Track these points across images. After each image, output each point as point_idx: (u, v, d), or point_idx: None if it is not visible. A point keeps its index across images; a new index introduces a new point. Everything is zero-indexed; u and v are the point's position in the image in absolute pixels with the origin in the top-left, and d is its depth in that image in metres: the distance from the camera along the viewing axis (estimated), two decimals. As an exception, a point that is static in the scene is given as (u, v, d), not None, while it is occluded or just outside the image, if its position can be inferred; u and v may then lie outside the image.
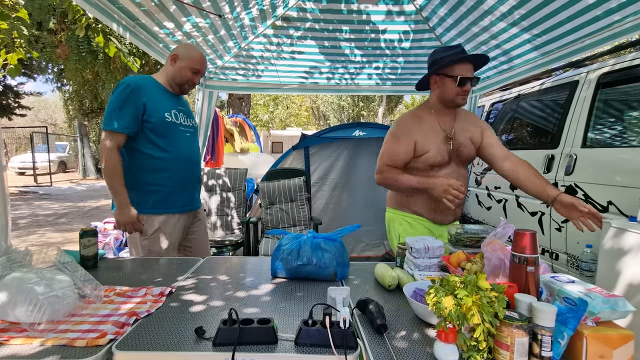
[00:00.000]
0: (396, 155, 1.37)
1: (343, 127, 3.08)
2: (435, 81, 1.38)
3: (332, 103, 17.57)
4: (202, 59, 1.50)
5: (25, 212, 5.99)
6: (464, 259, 0.99)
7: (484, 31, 2.27)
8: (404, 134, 1.37)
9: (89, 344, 0.73)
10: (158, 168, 1.42)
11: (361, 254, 3.30)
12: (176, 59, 1.47)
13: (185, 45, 1.57)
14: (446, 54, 1.34)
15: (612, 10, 1.61)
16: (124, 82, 1.38)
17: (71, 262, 0.96)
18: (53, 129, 17.18)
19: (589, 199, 1.99)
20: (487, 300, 0.66)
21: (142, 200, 1.41)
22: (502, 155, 1.38)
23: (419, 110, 1.43)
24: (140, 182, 1.41)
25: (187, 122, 1.52)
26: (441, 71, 1.33)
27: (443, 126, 1.38)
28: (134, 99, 1.35)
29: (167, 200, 1.45)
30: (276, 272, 1.15)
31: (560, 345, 0.65)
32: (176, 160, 1.45)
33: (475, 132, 1.40)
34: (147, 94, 1.38)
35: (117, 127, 1.33)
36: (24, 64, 8.09)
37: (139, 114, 1.36)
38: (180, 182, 1.47)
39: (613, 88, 2.06)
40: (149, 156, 1.40)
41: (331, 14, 2.46)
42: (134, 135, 1.38)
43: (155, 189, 1.43)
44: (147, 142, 1.40)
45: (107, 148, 1.34)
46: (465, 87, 1.31)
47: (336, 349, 0.70)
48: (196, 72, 1.49)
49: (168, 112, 1.43)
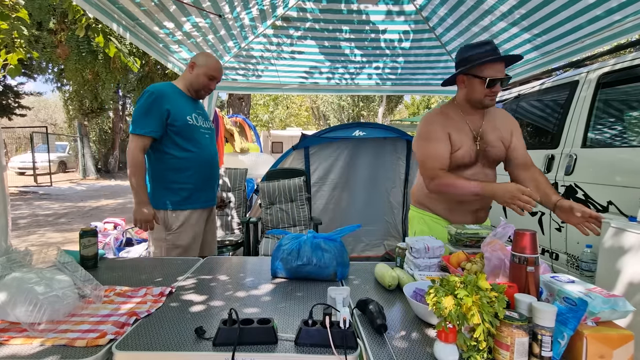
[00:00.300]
0: (442, 156, 1.27)
1: (343, 127, 3.08)
2: (462, 80, 1.29)
3: (332, 103, 17.57)
4: (217, 66, 1.60)
5: (25, 212, 6.00)
6: (464, 259, 0.99)
7: (484, 31, 2.27)
8: (440, 132, 1.28)
9: (89, 344, 0.73)
10: (182, 167, 1.53)
11: (361, 254, 3.30)
12: (194, 66, 1.58)
13: (204, 53, 1.68)
14: (475, 52, 1.24)
15: (613, 10, 1.61)
16: (148, 90, 1.50)
17: (71, 262, 0.96)
18: (53, 129, 17.19)
19: (589, 199, 1.99)
20: (487, 300, 0.66)
21: (167, 198, 1.53)
22: (522, 162, 1.32)
23: (446, 108, 1.35)
24: (165, 181, 1.54)
25: (205, 125, 1.63)
26: (469, 71, 1.24)
27: (471, 125, 1.31)
28: (158, 106, 1.47)
29: (191, 197, 1.56)
30: (276, 272, 1.15)
31: (560, 345, 0.65)
32: (198, 160, 1.56)
33: (505, 132, 1.33)
34: (170, 101, 1.50)
35: (143, 131, 1.46)
36: (24, 64, 8.10)
37: (164, 118, 1.48)
38: (202, 180, 1.59)
39: (613, 88, 2.05)
40: (173, 157, 1.52)
41: (331, 14, 2.45)
42: (159, 139, 1.50)
43: (180, 186, 1.54)
44: (171, 144, 1.52)
45: (133, 150, 1.46)
46: (494, 89, 1.22)
47: (336, 349, 0.70)
48: (212, 79, 1.59)
49: (189, 115, 1.54)
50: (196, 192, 1.57)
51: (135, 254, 2.76)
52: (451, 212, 1.36)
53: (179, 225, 1.53)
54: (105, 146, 13.87)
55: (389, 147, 3.18)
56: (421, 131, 1.34)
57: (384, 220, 3.31)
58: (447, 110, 1.35)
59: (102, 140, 13.87)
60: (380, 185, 3.25)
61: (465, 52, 1.28)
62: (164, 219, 1.53)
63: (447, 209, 1.36)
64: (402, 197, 3.28)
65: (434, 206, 1.39)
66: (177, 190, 1.54)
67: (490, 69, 1.21)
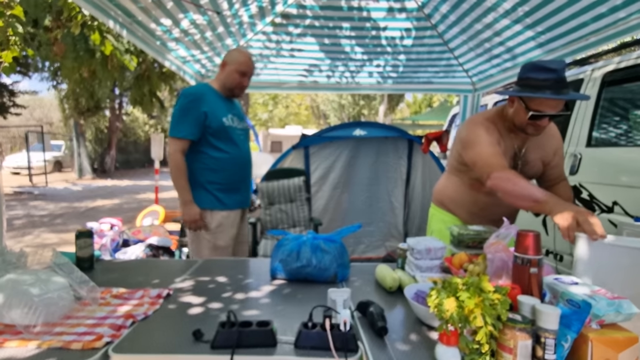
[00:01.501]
0: (501, 155, 1.15)
1: (343, 126, 3.07)
2: (512, 99, 1.17)
3: (332, 102, 17.53)
4: (246, 60, 1.58)
5: (20, 212, 5.95)
6: (467, 261, 0.98)
7: (487, 28, 2.26)
8: (493, 137, 1.18)
9: (85, 346, 0.72)
10: (218, 168, 1.56)
11: (362, 255, 3.29)
12: (225, 65, 1.58)
13: (233, 49, 1.67)
14: (535, 77, 1.09)
15: (617, 7, 1.60)
16: (184, 93, 1.54)
17: (67, 263, 0.95)
18: (48, 128, 17.06)
19: (593, 200, 1.98)
20: (489, 302, 0.65)
21: (205, 198, 1.56)
22: (555, 178, 1.28)
23: (493, 117, 1.25)
24: (202, 181, 1.56)
25: (240, 125, 1.65)
26: (520, 95, 1.13)
27: (515, 141, 1.23)
28: (195, 109, 1.49)
29: (227, 198, 1.59)
30: (275, 274, 1.14)
31: (563, 348, 0.64)
32: (233, 161, 1.59)
33: (549, 151, 1.25)
34: (207, 103, 1.52)
35: (180, 134, 1.50)
36: (19, 62, 8.03)
37: (201, 121, 1.50)
38: (237, 180, 1.62)
39: (618, 86, 2.03)
40: (209, 157, 1.55)
41: (331, 11, 2.44)
42: (197, 140, 1.53)
43: (216, 187, 1.57)
44: (207, 145, 1.55)
45: (172, 153, 1.51)
46: (540, 122, 1.11)
47: (336, 352, 0.69)
48: (244, 74, 1.58)
49: (225, 116, 1.56)
50: (231, 193, 1.60)
51: (132, 255, 2.74)
52: (472, 216, 1.32)
53: (217, 226, 1.57)
54: (101, 146, 13.79)
55: (390, 147, 3.16)
56: (471, 135, 1.21)
57: (385, 221, 3.30)
58: (495, 121, 1.24)
59: (99, 140, 13.79)
60: (382, 185, 3.24)
61: (527, 71, 1.13)
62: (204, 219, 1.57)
63: (470, 213, 1.32)
64: (403, 197, 3.27)
65: (455, 208, 1.37)
66: (213, 190, 1.57)
67: (542, 103, 1.09)
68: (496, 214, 1.26)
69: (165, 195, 7.54)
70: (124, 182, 10.89)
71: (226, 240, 1.58)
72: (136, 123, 16.95)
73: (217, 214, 1.57)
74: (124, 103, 12.68)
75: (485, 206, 1.30)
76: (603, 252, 0.85)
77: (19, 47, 2.98)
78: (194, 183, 1.56)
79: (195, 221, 1.52)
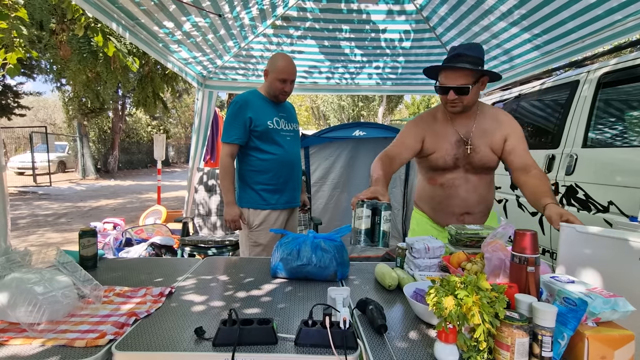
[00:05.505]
0: (398, 145, 1.28)
1: (343, 126, 3.08)
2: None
3: (332, 103, 17.55)
4: (285, 67, 1.61)
5: (24, 212, 5.99)
6: (465, 259, 0.98)
7: (484, 30, 2.27)
8: (415, 128, 1.30)
9: (89, 344, 0.73)
10: (263, 169, 1.64)
11: (361, 254, 3.30)
12: (267, 73, 1.64)
13: (273, 56, 1.67)
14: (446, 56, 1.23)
15: (614, 9, 1.61)
16: (234, 100, 1.64)
17: (70, 262, 0.96)
18: (52, 128, 17.16)
19: (589, 199, 1.99)
20: (487, 300, 0.66)
21: (250, 197, 1.65)
22: (520, 166, 1.25)
23: (437, 109, 1.34)
24: (249, 181, 1.65)
25: (288, 127, 1.70)
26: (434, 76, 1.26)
27: (459, 129, 1.27)
28: (242, 114, 1.59)
29: (271, 198, 1.66)
30: (276, 272, 1.15)
31: (560, 346, 0.65)
32: (278, 162, 1.65)
33: (497, 137, 1.26)
34: (252, 108, 1.60)
35: (230, 139, 1.61)
36: (24, 63, 8.08)
37: (247, 126, 1.60)
38: (282, 181, 1.67)
39: (614, 88, 2.05)
40: (256, 159, 1.64)
41: (331, 14, 2.45)
42: (244, 144, 1.63)
43: (261, 187, 1.65)
44: (254, 148, 1.63)
45: (223, 156, 1.63)
46: (448, 96, 1.20)
47: (336, 350, 0.70)
48: (284, 81, 1.62)
49: (270, 120, 1.63)
50: (276, 193, 1.66)
51: (135, 254, 2.75)
52: (434, 212, 1.36)
53: (258, 224, 1.64)
54: (104, 146, 13.85)
55: (389, 147, 3.17)
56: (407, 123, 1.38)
57: None
58: (438, 112, 1.33)
59: (102, 140, 13.85)
60: (381, 185, 3.24)
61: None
62: (247, 217, 1.65)
63: (431, 209, 1.37)
64: (402, 197, 3.28)
65: (423, 205, 1.41)
66: (258, 190, 1.64)
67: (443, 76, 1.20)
68: (455, 206, 1.29)
69: (167, 195, 7.57)
70: (127, 182, 10.93)
71: (267, 239, 1.64)
72: (139, 124, 16.99)
73: (260, 213, 1.64)
74: (127, 104, 12.74)
75: (441, 199, 1.32)
76: (586, 242, 0.86)
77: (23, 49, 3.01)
78: (242, 183, 1.67)
79: (234, 221, 1.62)
